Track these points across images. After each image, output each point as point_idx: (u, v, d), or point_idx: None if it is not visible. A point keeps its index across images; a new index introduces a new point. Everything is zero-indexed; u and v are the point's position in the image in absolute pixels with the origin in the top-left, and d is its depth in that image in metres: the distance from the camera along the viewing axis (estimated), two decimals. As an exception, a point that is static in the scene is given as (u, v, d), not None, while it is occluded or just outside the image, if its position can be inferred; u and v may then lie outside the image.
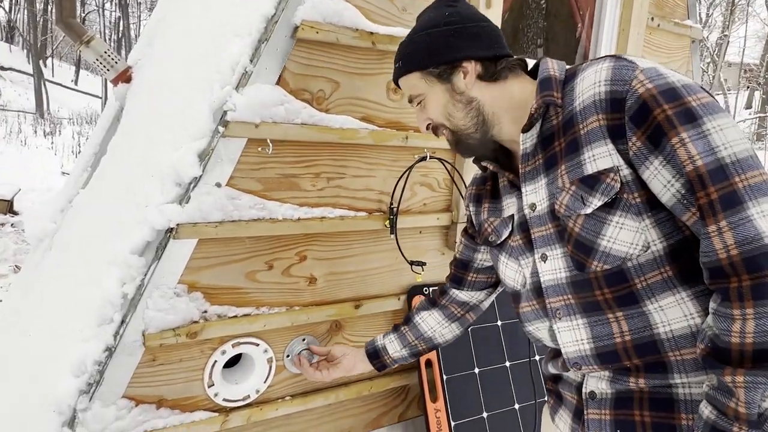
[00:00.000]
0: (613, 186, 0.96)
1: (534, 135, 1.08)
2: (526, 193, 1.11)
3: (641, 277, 0.97)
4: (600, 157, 0.97)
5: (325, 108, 1.67)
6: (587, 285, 1.02)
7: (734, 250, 0.84)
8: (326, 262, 1.76)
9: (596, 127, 0.96)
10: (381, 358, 1.51)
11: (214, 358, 1.58)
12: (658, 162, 0.91)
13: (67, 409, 1.39)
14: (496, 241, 1.22)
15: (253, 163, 1.58)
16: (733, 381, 0.83)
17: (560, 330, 1.09)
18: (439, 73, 1.13)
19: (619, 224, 0.97)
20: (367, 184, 1.79)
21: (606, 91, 0.95)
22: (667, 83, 0.92)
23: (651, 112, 0.91)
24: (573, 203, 1.00)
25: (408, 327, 1.49)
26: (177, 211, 1.44)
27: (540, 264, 1.10)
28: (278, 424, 1.75)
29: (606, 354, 1.02)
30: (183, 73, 1.89)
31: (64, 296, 1.76)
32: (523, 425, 1.95)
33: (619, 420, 1.03)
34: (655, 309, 0.97)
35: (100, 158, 2.29)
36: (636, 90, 0.92)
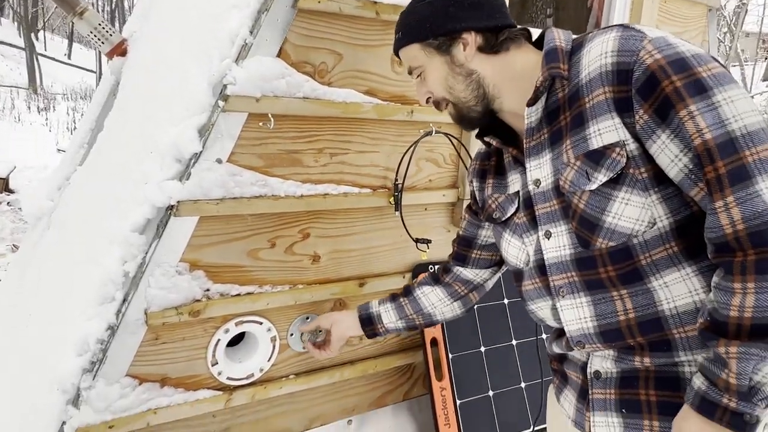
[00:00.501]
0: (619, 161, 0.93)
1: (539, 109, 1.04)
2: (530, 168, 1.08)
3: (646, 254, 0.95)
4: (606, 132, 0.94)
5: (327, 81, 1.62)
6: (591, 262, 1.00)
7: (740, 224, 0.82)
8: (330, 239, 1.73)
9: (602, 100, 0.93)
10: (374, 326, 1.46)
11: (218, 337, 1.57)
12: (666, 136, 0.88)
13: (71, 388, 1.38)
14: (500, 218, 1.19)
15: (254, 139, 1.53)
16: (727, 352, 0.83)
17: (563, 308, 1.07)
18: (439, 44, 1.09)
19: (625, 200, 0.94)
20: (371, 160, 1.76)
21: (612, 63, 0.92)
22: (676, 53, 0.88)
23: (659, 83, 0.87)
24: (578, 179, 0.98)
25: (407, 299, 1.44)
26: (177, 188, 1.41)
27: (544, 241, 1.07)
28: (282, 402, 1.74)
29: (609, 332, 1.01)
30: (180, 45, 1.83)
31: (64, 275, 1.74)
32: (530, 404, 1.95)
33: (624, 399, 1.02)
34: (659, 285, 0.95)
35: (97, 134, 2.24)
36: (644, 61, 0.89)
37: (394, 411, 1.96)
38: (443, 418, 1.81)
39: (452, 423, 1.82)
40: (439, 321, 1.44)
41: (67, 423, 1.37)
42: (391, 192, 1.79)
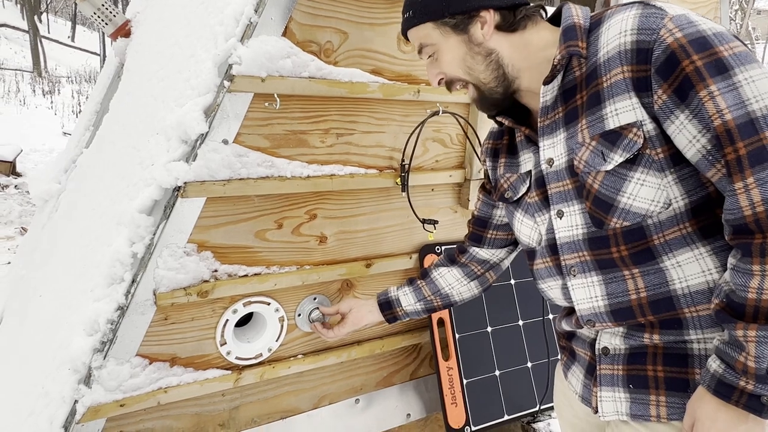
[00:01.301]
0: (636, 141, 0.92)
1: (555, 87, 1.03)
2: (543, 147, 1.07)
3: (660, 234, 0.95)
4: (623, 111, 0.92)
5: (333, 60, 1.60)
6: (604, 242, 0.99)
7: (760, 207, 0.81)
8: (337, 220, 1.73)
9: (620, 79, 0.92)
10: (393, 310, 1.47)
11: (226, 317, 1.58)
12: (684, 116, 0.87)
13: (82, 367, 1.40)
14: (512, 198, 1.18)
15: (260, 119, 1.53)
16: (745, 335, 0.83)
17: (574, 287, 1.07)
18: (456, 23, 1.05)
19: (641, 181, 0.94)
20: (377, 141, 1.74)
21: (632, 41, 0.90)
22: (698, 32, 0.87)
23: (679, 63, 0.86)
24: (593, 159, 0.97)
25: (425, 281, 1.44)
26: (184, 169, 1.41)
27: (556, 220, 1.07)
28: (291, 381, 1.76)
29: (620, 311, 1.01)
30: (185, 25, 1.81)
31: (73, 257, 1.75)
32: (536, 383, 1.96)
33: (631, 375, 1.03)
34: (672, 265, 0.95)
35: (102, 117, 2.24)
36: (664, 40, 0.87)
37: (401, 390, 1.98)
38: (450, 398, 1.83)
39: (459, 402, 1.84)
40: (457, 302, 1.43)
41: (79, 401, 1.39)
42: (398, 173, 1.78)
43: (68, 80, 15.92)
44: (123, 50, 2.29)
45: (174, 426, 1.59)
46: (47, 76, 15.61)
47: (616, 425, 1.07)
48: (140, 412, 1.51)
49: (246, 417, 1.71)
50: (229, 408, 1.67)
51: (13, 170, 7.26)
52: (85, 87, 14.86)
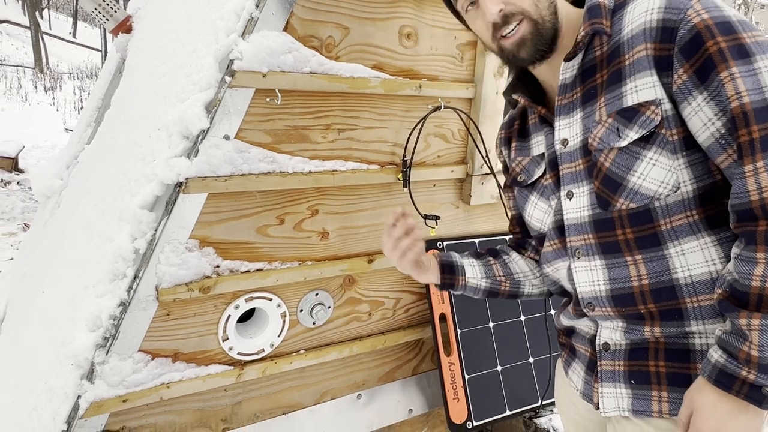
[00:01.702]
0: (653, 119, 0.92)
1: (575, 65, 1.02)
2: (559, 127, 1.06)
3: (666, 219, 0.95)
4: (642, 89, 0.93)
5: (334, 56, 1.60)
6: (609, 224, 0.99)
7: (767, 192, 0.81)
8: (338, 216, 1.73)
9: (643, 56, 0.92)
10: (455, 276, 1.26)
11: (228, 313, 1.58)
12: (702, 98, 0.88)
13: (84, 363, 1.40)
14: (525, 181, 1.18)
15: (261, 115, 1.52)
16: (749, 324, 0.82)
17: (577, 269, 1.07)
18: None
19: (653, 160, 0.94)
20: (379, 136, 1.74)
21: (658, 19, 0.91)
22: (723, 16, 0.88)
23: (703, 43, 0.87)
24: (607, 136, 0.97)
25: (497, 261, 1.29)
26: (185, 165, 1.41)
27: (565, 201, 1.07)
28: (293, 377, 1.76)
29: (621, 297, 1.01)
30: (186, 21, 1.81)
31: (76, 253, 1.76)
32: (538, 379, 1.96)
33: (633, 370, 1.02)
34: (676, 253, 0.95)
35: (104, 113, 2.24)
36: (690, 19, 0.88)
37: (403, 386, 1.98)
38: (452, 393, 1.83)
39: (461, 397, 1.84)
40: (524, 294, 1.30)
41: (81, 397, 1.39)
42: (400, 168, 1.78)
43: (70, 76, 15.91)
44: (124, 46, 2.29)
45: (176, 421, 1.59)
46: (49, 73, 15.61)
47: (618, 421, 1.07)
48: (143, 408, 1.52)
49: (248, 412, 1.71)
50: (232, 403, 1.68)
51: (16, 166, 7.27)
52: (86, 83, 14.86)
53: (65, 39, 20.95)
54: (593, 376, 1.09)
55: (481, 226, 2.04)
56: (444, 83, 1.81)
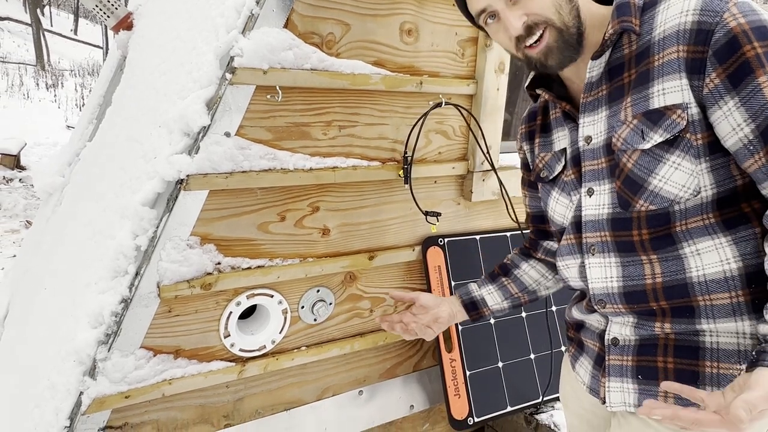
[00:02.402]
0: (679, 123, 0.91)
1: (602, 63, 1.01)
2: (583, 124, 1.05)
3: (683, 221, 0.94)
4: (670, 92, 0.92)
5: (335, 52, 1.60)
6: (627, 224, 0.99)
7: None
8: (339, 213, 1.73)
9: (674, 58, 0.91)
10: (480, 310, 1.38)
11: (230, 309, 1.58)
12: (733, 103, 0.87)
13: (86, 359, 1.41)
14: (548, 177, 1.17)
15: (262, 112, 1.52)
16: None
17: (591, 266, 1.07)
18: None
19: (675, 164, 0.93)
20: (380, 133, 1.74)
21: (693, 21, 0.89)
22: (760, 20, 0.87)
23: (740, 47, 0.86)
24: (632, 137, 0.96)
25: (509, 279, 1.38)
26: (187, 162, 1.41)
27: (585, 198, 1.06)
28: (294, 373, 1.77)
29: (634, 294, 1.01)
30: (187, 17, 1.81)
31: (78, 250, 1.76)
32: (539, 375, 1.96)
33: (641, 366, 1.02)
34: (691, 252, 0.95)
35: (105, 110, 2.24)
36: (727, 23, 0.87)
37: (405, 382, 1.98)
38: (453, 389, 1.84)
39: (462, 394, 1.84)
40: (543, 296, 1.39)
41: (84, 393, 1.40)
42: (401, 165, 1.78)
43: (71, 73, 15.92)
44: (125, 43, 2.28)
45: (178, 417, 1.60)
46: (50, 70, 15.62)
47: (623, 416, 1.07)
48: (145, 404, 1.52)
49: (250, 408, 1.72)
50: (233, 400, 1.68)
51: (18, 164, 7.28)
52: (88, 80, 14.86)
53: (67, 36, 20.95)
54: (601, 370, 1.10)
55: (482, 223, 2.04)
56: (445, 80, 1.80)
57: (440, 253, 1.91)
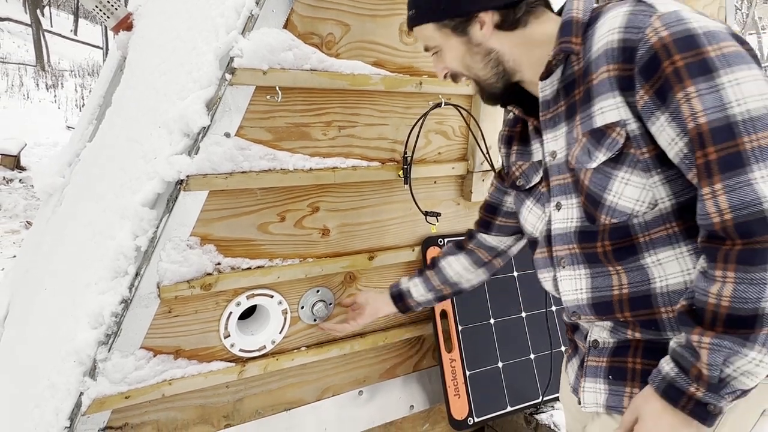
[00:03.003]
0: (618, 141, 0.92)
1: (555, 81, 1.03)
2: (547, 140, 1.07)
3: (645, 233, 0.95)
4: (608, 110, 0.92)
5: (335, 53, 1.60)
6: (593, 236, 1.00)
7: (728, 214, 0.79)
8: (339, 213, 1.73)
9: (605, 78, 0.92)
10: (405, 301, 1.53)
11: (229, 310, 1.59)
12: (664, 118, 0.86)
13: (87, 359, 1.41)
14: (524, 186, 1.19)
15: (262, 112, 1.52)
16: (700, 341, 0.81)
17: (562, 278, 1.08)
18: (455, 26, 1.07)
19: (625, 180, 0.94)
20: (380, 133, 1.74)
21: (619, 39, 0.90)
22: (686, 30, 0.85)
23: (660, 63, 0.85)
24: (582, 156, 0.98)
25: (433, 271, 1.48)
26: (186, 163, 1.41)
27: (554, 212, 1.08)
28: (294, 373, 1.77)
29: (601, 305, 1.02)
30: (187, 18, 1.81)
31: (78, 250, 1.76)
32: (539, 375, 1.96)
33: (613, 366, 1.04)
34: (653, 262, 0.95)
35: (105, 110, 2.24)
36: (648, 39, 0.86)
37: (405, 382, 1.98)
38: (453, 389, 1.84)
39: (462, 394, 1.84)
40: (466, 288, 1.47)
41: (84, 393, 1.40)
42: (401, 165, 1.78)
43: (71, 74, 15.93)
44: (125, 43, 2.29)
45: (178, 418, 1.60)
46: (50, 70, 15.62)
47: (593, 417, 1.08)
48: (145, 404, 1.52)
49: (250, 409, 1.72)
50: (233, 400, 1.69)
51: (18, 164, 7.28)
52: (88, 80, 14.87)
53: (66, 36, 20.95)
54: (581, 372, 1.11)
55: (482, 223, 2.04)
56: (444, 80, 1.80)
57: (440, 254, 1.91)
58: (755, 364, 0.79)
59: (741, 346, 0.79)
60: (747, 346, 0.78)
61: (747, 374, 0.80)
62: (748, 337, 0.78)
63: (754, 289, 0.78)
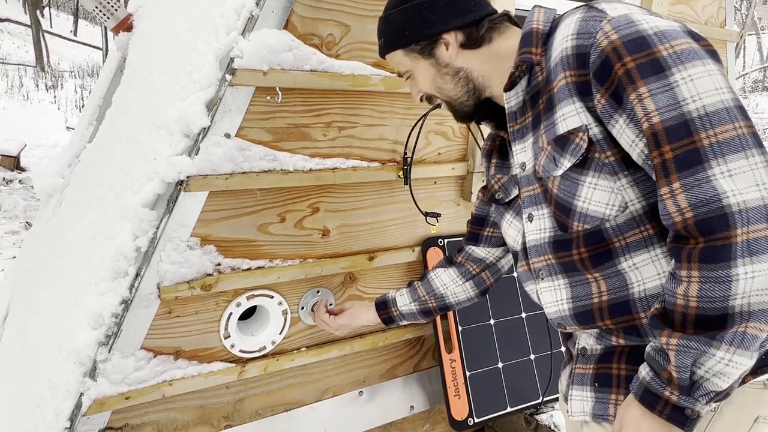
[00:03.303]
0: (581, 146, 0.92)
1: (519, 93, 1.03)
2: (516, 152, 1.08)
3: (620, 237, 0.94)
4: (569, 116, 0.93)
5: (335, 53, 1.60)
6: (567, 245, 1.00)
7: (688, 212, 0.78)
8: (339, 213, 1.73)
9: (564, 85, 0.92)
10: (389, 309, 1.49)
11: (230, 311, 1.59)
12: (622, 120, 0.86)
13: (87, 360, 1.41)
14: (503, 199, 1.19)
15: (262, 113, 1.52)
16: (668, 343, 0.81)
17: (542, 291, 1.08)
18: (421, 49, 1.10)
19: (593, 184, 0.93)
20: (380, 134, 1.74)
21: (572, 46, 0.91)
22: (636, 32, 0.84)
23: (612, 67, 0.85)
24: (548, 164, 0.98)
25: (421, 282, 1.46)
26: (187, 163, 1.41)
27: (527, 224, 1.08)
28: (294, 374, 1.77)
29: (582, 314, 1.01)
30: (187, 19, 1.81)
31: (78, 251, 1.76)
32: (539, 375, 1.96)
33: (599, 374, 1.03)
34: (629, 267, 0.94)
35: (105, 111, 2.24)
36: (599, 44, 0.87)
37: (405, 382, 1.98)
38: (453, 390, 1.84)
39: (462, 394, 1.84)
40: (452, 304, 1.43)
41: (84, 394, 1.40)
42: (400, 165, 1.78)
43: (71, 75, 15.92)
44: (125, 44, 2.29)
45: (179, 418, 1.60)
46: (50, 71, 15.61)
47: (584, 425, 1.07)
48: (145, 405, 1.52)
49: (250, 409, 1.72)
50: (234, 400, 1.68)
51: (17, 165, 7.28)
52: (87, 81, 14.86)
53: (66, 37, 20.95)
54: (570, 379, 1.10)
55: (482, 224, 2.04)
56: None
57: (440, 254, 1.91)
58: (725, 364, 0.78)
59: (708, 346, 0.77)
60: (714, 346, 0.77)
61: (719, 375, 0.79)
62: (715, 336, 0.77)
63: (720, 287, 0.76)
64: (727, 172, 0.76)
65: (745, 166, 0.76)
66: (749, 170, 0.76)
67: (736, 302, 0.76)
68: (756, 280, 0.75)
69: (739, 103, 0.80)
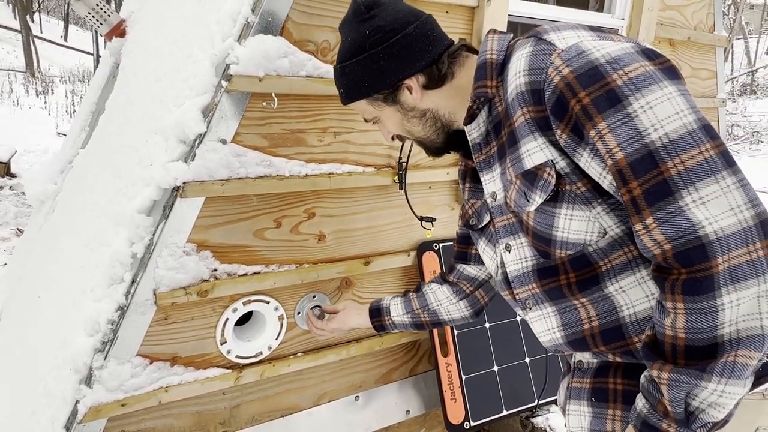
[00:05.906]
0: (549, 181, 0.90)
1: (481, 124, 1.02)
2: (485, 182, 1.07)
3: (605, 260, 0.92)
4: (534, 152, 0.91)
5: (330, 59, 1.61)
6: (553, 271, 0.98)
7: (666, 245, 0.76)
8: (335, 218, 1.74)
9: (523, 121, 0.90)
10: (381, 318, 1.47)
11: (226, 316, 1.58)
12: (587, 154, 0.84)
13: (83, 367, 1.40)
14: (477, 225, 1.18)
15: (258, 119, 1.53)
16: (659, 377, 0.79)
17: (532, 320, 1.07)
18: (384, 97, 1.08)
19: (569, 216, 0.92)
20: (375, 139, 1.75)
21: (525, 83, 0.89)
22: (587, 62, 0.82)
23: (567, 103, 0.83)
24: (519, 199, 0.96)
25: (416, 294, 1.44)
26: (183, 169, 1.41)
27: (505, 254, 1.06)
28: (291, 379, 1.77)
29: (576, 341, 1.01)
30: (182, 24, 1.81)
31: (72, 257, 1.75)
32: (534, 378, 1.97)
33: (595, 388, 1.02)
34: (616, 290, 0.93)
35: (98, 117, 2.24)
36: (552, 79, 0.84)
37: (401, 387, 1.99)
38: (449, 393, 1.84)
39: (458, 398, 1.85)
40: (446, 321, 1.41)
41: (80, 401, 1.39)
42: (396, 170, 1.79)
43: (62, 80, 15.82)
44: (118, 50, 2.29)
45: (175, 425, 1.59)
46: (40, 76, 15.51)
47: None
48: (141, 412, 1.52)
49: (247, 415, 1.71)
50: (230, 406, 1.68)
51: (8, 171, 7.22)
52: (78, 87, 14.77)
53: (57, 43, 20.82)
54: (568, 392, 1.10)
55: (477, 228, 2.05)
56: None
57: (435, 258, 1.92)
58: (718, 395, 0.76)
59: (699, 379, 0.76)
60: (705, 378, 0.75)
61: (714, 406, 0.77)
62: (705, 369, 0.75)
63: (706, 318, 0.74)
64: (699, 200, 0.73)
65: (717, 191, 0.73)
66: (722, 194, 0.73)
67: (725, 330, 0.74)
68: (741, 307, 0.73)
69: (703, 123, 0.76)
